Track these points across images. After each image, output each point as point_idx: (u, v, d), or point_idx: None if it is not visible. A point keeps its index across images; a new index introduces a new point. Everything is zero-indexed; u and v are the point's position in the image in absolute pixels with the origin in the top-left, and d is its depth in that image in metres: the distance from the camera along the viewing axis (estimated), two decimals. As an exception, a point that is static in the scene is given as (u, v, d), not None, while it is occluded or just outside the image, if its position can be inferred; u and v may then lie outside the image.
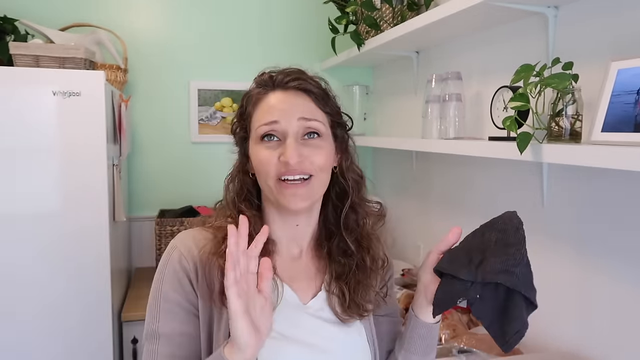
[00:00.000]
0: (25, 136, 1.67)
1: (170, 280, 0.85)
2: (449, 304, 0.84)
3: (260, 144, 0.86)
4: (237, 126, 0.94)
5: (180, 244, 0.87)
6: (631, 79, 1.02)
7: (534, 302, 0.82)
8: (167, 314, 0.84)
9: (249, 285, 0.74)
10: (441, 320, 1.55)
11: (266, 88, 0.90)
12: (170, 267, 0.86)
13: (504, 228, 0.90)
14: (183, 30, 2.52)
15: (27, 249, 1.69)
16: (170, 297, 0.85)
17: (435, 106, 1.72)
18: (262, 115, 0.87)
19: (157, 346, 0.84)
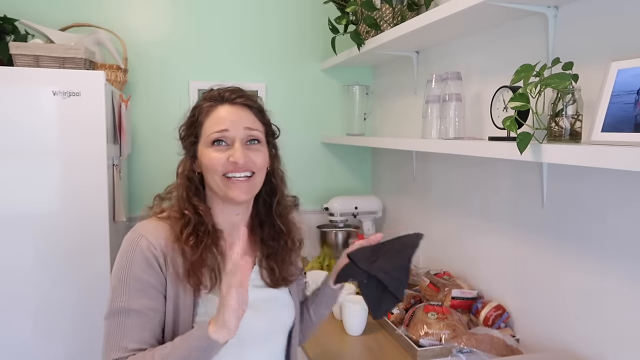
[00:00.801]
0: (25, 136, 1.67)
1: (140, 264, 0.99)
2: (345, 280, 1.20)
3: (211, 147, 1.06)
4: (186, 133, 1.13)
5: (147, 234, 1.02)
6: (631, 79, 1.02)
7: (399, 298, 1.13)
8: (138, 292, 0.98)
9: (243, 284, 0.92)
10: (441, 320, 1.56)
11: (216, 102, 1.08)
12: (139, 253, 1.00)
13: (405, 243, 1.18)
14: (183, 30, 2.52)
15: (27, 248, 1.70)
16: (141, 278, 0.99)
17: (435, 106, 1.72)
18: (213, 125, 1.06)
19: (126, 319, 0.97)
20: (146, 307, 0.99)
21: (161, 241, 1.02)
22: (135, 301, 0.98)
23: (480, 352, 1.38)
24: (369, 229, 2.57)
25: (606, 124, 1.05)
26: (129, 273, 0.99)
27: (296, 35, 2.68)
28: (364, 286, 1.15)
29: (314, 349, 1.59)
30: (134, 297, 0.98)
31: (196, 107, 1.11)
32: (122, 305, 0.98)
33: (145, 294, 0.99)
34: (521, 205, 1.58)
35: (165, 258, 1.01)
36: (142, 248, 1.01)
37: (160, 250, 1.01)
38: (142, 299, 0.99)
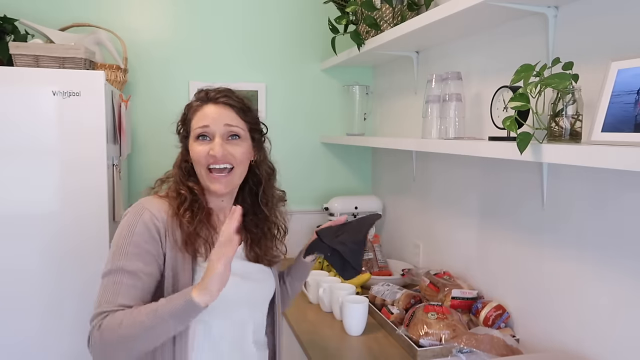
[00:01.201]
0: (25, 136, 1.67)
1: (142, 233, 1.10)
2: (312, 252, 1.38)
3: (197, 142, 1.19)
4: (180, 128, 1.27)
5: (150, 207, 1.14)
6: (631, 79, 1.02)
7: (357, 268, 1.33)
8: (135, 256, 1.08)
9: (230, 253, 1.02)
10: (441, 320, 1.56)
11: (203, 101, 1.21)
12: (141, 223, 1.11)
13: (363, 222, 1.39)
14: (183, 30, 2.53)
15: (27, 248, 1.70)
16: (140, 245, 1.09)
17: (435, 106, 1.72)
18: (198, 121, 1.19)
19: (121, 278, 1.07)
20: (140, 271, 1.08)
21: (162, 214, 1.14)
22: (131, 264, 1.08)
23: (480, 352, 1.38)
24: (369, 229, 2.57)
25: (606, 124, 1.05)
26: (130, 240, 1.10)
27: (296, 35, 2.68)
28: (329, 258, 1.36)
29: (314, 349, 1.59)
30: (130, 260, 1.08)
31: (188, 105, 1.25)
32: (119, 266, 1.08)
33: (141, 259, 1.09)
34: (521, 205, 1.58)
35: (165, 229, 1.13)
36: (145, 219, 1.12)
37: (161, 222, 1.13)
38: (138, 263, 1.08)
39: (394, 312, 1.73)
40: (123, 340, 1.01)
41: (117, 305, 1.04)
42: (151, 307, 1.03)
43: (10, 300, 1.70)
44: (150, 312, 1.01)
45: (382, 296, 1.86)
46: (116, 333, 1.01)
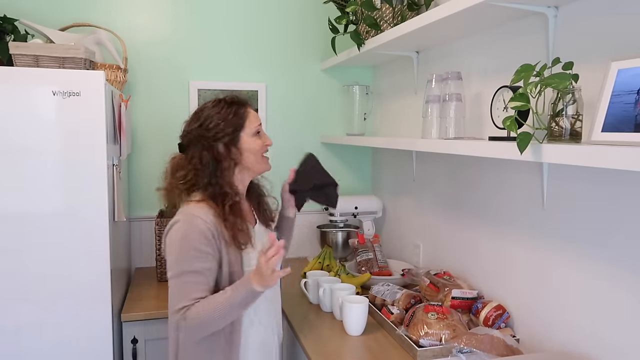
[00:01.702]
0: (25, 136, 1.67)
1: (199, 238, 1.34)
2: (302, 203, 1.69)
3: (254, 137, 1.47)
4: (229, 128, 1.43)
5: (200, 214, 1.36)
6: (631, 79, 1.02)
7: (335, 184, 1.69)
8: (196, 258, 1.33)
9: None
10: (441, 320, 1.56)
11: (244, 106, 1.49)
12: (196, 230, 1.34)
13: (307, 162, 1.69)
14: (183, 30, 2.53)
15: (26, 248, 1.69)
16: (199, 248, 1.33)
17: (435, 106, 1.72)
18: (253, 121, 1.48)
19: (189, 277, 1.33)
20: (203, 268, 1.34)
21: (210, 217, 1.37)
22: (195, 265, 1.33)
23: (480, 352, 1.38)
24: (369, 228, 2.57)
25: (606, 124, 1.05)
26: (189, 245, 1.34)
27: (296, 35, 2.68)
28: (314, 197, 1.68)
29: (314, 349, 1.59)
30: (194, 262, 1.33)
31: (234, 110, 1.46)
32: (185, 269, 1.33)
33: (201, 259, 1.34)
34: (521, 205, 1.58)
35: (216, 230, 1.36)
36: (200, 226, 1.35)
37: (212, 224, 1.36)
38: (200, 263, 1.33)
39: (394, 312, 1.73)
40: (204, 325, 1.33)
41: (193, 299, 1.32)
42: (222, 297, 1.32)
43: (9, 299, 1.69)
44: (222, 302, 1.31)
45: (382, 296, 1.86)
46: (198, 321, 1.31)
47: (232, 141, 1.43)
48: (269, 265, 1.28)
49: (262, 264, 1.29)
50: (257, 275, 1.30)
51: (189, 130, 1.46)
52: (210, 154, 1.42)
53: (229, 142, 1.43)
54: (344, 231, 2.49)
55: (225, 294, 1.33)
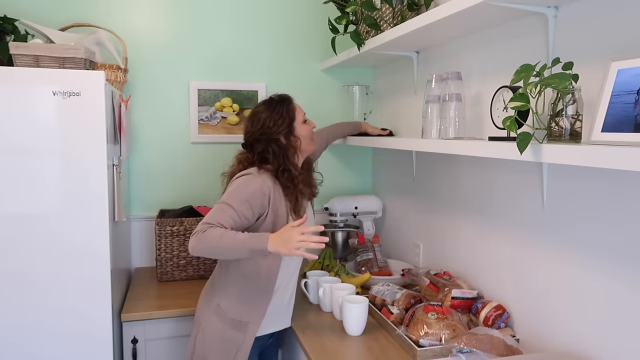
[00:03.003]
0: (25, 136, 1.67)
1: (252, 191, 1.59)
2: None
3: (305, 124, 1.77)
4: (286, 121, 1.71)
5: (259, 177, 1.62)
6: (631, 79, 1.02)
7: None
8: (240, 201, 1.57)
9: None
10: (441, 320, 1.56)
11: (291, 101, 1.78)
12: (254, 185, 1.60)
13: None
14: (183, 30, 2.53)
15: (26, 249, 1.70)
16: (248, 198, 1.58)
17: (435, 106, 1.72)
18: (300, 112, 1.78)
19: (227, 209, 1.56)
20: (240, 211, 1.56)
21: (269, 183, 1.63)
22: (235, 204, 1.57)
23: (480, 352, 1.38)
24: (369, 229, 2.57)
25: (606, 124, 1.05)
26: (243, 190, 1.59)
27: (296, 35, 2.68)
28: None
29: (314, 349, 1.59)
30: (236, 202, 1.57)
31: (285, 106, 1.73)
32: (229, 202, 1.57)
33: (243, 204, 1.57)
34: (521, 205, 1.59)
35: (270, 193, 1.62)
36: (256, 184, 1.60)
37: (268, 188, 1.61)
38: (240, 205, 1.57)
39: (394, 312, 1.73)
40: (211, 246, 1.50)
41: (219, 224, 1.54)
42: (239, 236, 1.50)
43: (9, 299, 1.69)
44: (235, 239, 1.49)
45: (382, 296, 1.86)
46: (212, 240, 1.50)
47: (289, 132, 1.71)
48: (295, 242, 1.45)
49: (291, 236, 1.45)
50: (278, 239, 1.47)
51: (252, 132, 1.71)
52: (276, 145, 1.69)
53: (287, 133, 1.70)
54: (344, 231, 2.49)
55: (243, 235, 1.50)
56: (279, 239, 1.47)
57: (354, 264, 2.33)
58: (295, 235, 1.45)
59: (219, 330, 1.65)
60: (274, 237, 1.48)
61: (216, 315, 1.67)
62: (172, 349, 2.03)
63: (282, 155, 1.69)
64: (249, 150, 1.74)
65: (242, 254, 1.51)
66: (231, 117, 2.61)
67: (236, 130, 2.61)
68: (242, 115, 2.61)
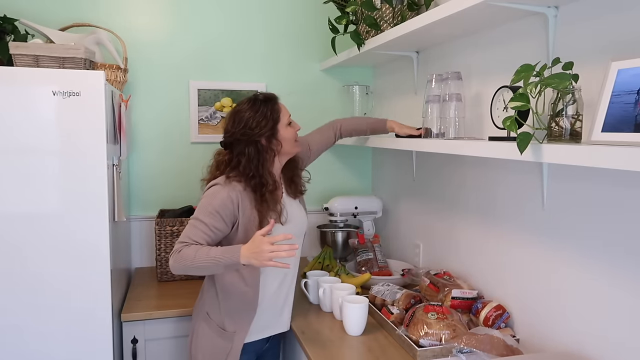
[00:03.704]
0: (25, 136, 1.67)
1: (221, 202, 1.56)
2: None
3: (289, 127, 1.70)
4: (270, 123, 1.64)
5: (227, 186, 1.59)
6: (631, 79, 1.02)
7: None
8: (210, 215, 1.55)
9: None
10: (441, 320, 1.56)
11: (276, 101, 1.71)
12: (222, 195, 1.57)
13: None
14: (183, 30, 2.53)
15: (26, 248, 1.69)
16: (218, 210, 1.56)
17: (435, 106, 1.72)
18: (285, 113, 1.70)
19: (199, 225, 1.55)
20: (212, 224, 1.55)
21: (237, 194, 1.58)
22: (206, 219, 1.55)
23: (480, 352, 1.38)
24: (369, 229, 2.57)
25: (606, 124, 1.05)
26: (212, 203, 1.56)
27: (296, 35, 2.68)
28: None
29: (314, 349, 1.59)
30: (206, 216, 1.55)
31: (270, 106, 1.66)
32: (199, 218, 1.55)
33: (214, 218, 1.55)
34: (521, 205, 1.58)
35: (239, 201, 1.58)
36: (224, 194, 1.57)
37: (236, 196, 1.58)
38: (211, 219, 1.55)
39: (394, 312, 1.73)
40: (191, 265, 1.49)
41: (193, 241, 1.53)
42: (211, 252, 1.48)
43: (9, 299, 1.69)
44: (208, 256, 1.47)
45: (382, 296, 1.86)
46: (187, 259, 1.49)
47: (272, 135, 1.64)
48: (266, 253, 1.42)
49: (261, 249, 1.43)
50: (248, 252, 1.45)
51: (233, 131, 1.63)
52: (255, 148, 1.62)
53: (270, 135, 1.64)
54: (344, 231, 2.48)
55: (215, 251, 1.49)
56: (250, 252, 1.45)
57: (354, 264, 2.33)
58: (265, 247, 1.42)
59: (209, 337, 1.66)
60: (245, 250, 1.46)
61: (205, 322, 1.68)
62: (172, 349, 2.03)
63: (258, 160, 1.62)
64: (228, 150, 1.68)
65: (218, 269, 1.50)
66: (231, 117, 2.61)
67: (236, 130, 2.61)
68: (242, 115, 2.61)
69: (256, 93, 1.70)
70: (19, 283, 1.70)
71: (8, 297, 1.69)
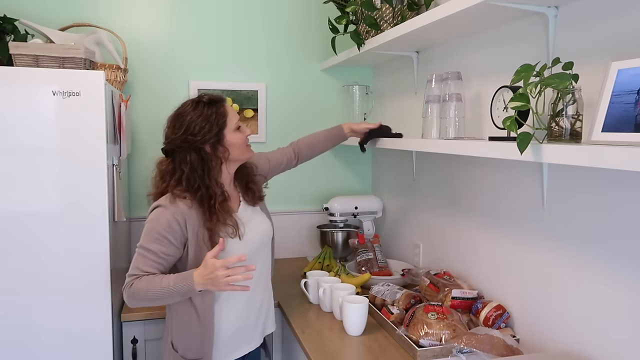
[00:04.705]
0: (25, 136, 1.67)
1: (165, 226, 1.44)
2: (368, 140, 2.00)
3: (237, 132, 1.56)
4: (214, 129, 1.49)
5: (171, 207, 1.46)
6: (631, 79, 1.02)
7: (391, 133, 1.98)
8: (156, 241, 1.44)
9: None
10: (441, 320, 1.56)
11: (223, 103, 1.55)
12: (165, 218, 1.45)
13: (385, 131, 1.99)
14: (183, 30, 2.53)
15: (26, 248, 1.69)
16: (163, 234, 1.44)
17: (435, 106, 1.72)
18: (233, 118, 1.55)
19: (146, 253, 1.44)
20: (159, 250, 1.44)
21: (183, 212, 1.46)
22: (153, 246, 1.44)
23: (480, 352, 1.38)
24: (369, 229, 2.58)
25: (606, 124, 1.05)
26: (155, 228, 1.45)
27: (296, 35, 2.68)
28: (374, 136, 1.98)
29: (314, 349, 1.59)
30: (153, 243, 1.44)
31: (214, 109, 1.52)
32: (145, 246, 1.45)
33: (161, 243, 1.44)
34: (521, 205, 1.58)
35: (185, 221, 1.46)
36: (168, 215, 1.45)
37: (182, 216, 1.45)
38: (157, 245, 1.44)
39: (394, 312, 1.73)
40: (144, 298, 1.42)
41: (143, 271, 1.44)
42: (163, 282, 1.40)
43: (9, 299, 1.69)
44: (161, 287, 1.40)
45: (382, 296, 1.86)
46: (140, 294, 1.42)
47: (217, 141, 1.50)
48: (221, 279, 1.35)
49: (216, 275, 1.35)
50: (203, 279, 1.37)
51: (173, 138, 1.49)
52: (198, 156, 1.48)
53: (215, 142, 1.50)
54: (344, 231, 2.49)
55: (168, 280, 1.41)
56: (204, 279, 1.36)
57: (354, 264, 2.33)
58: (219, 272, 1.33)
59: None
60: (198, 277, 1.37)
61: (170, 353, 1.56)
62: (172, 349, 2.03)
63: (203, 169, 1.48)
64: (171, 159, 1.52)
65: (175, 299, 1.42)
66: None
67: (236, 130, 2.61)
68: (242, 115, 2.61)
69: (201, 94, 1.56)
70: (18, 283, 1.70)
71: (8, 296, 1.69)
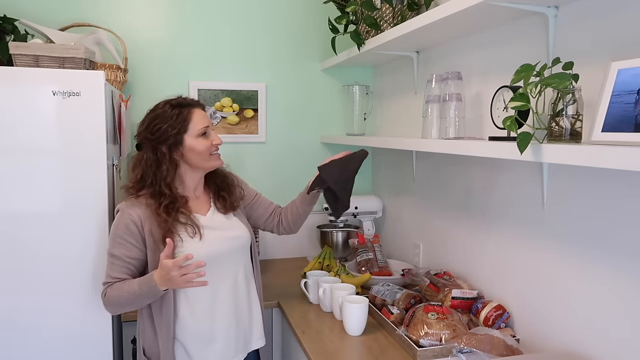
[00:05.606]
0: (25, 136, 1.67)
1: (123, 229, 1.48)
2: (313, 189, 1.74)
3: (200, 137, 1.53)
4: (171, 131, 1.49)
5: (130, 209, 1.49)
6: (631, 79, 1.02)
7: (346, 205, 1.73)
8: (119, 245, 1.48)
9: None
10: (441, 320, 1.56)
11: (190, 107, 1.54)
12: (123, 221, 1.48)
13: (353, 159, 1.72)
14: (183, 30, 2.53)
15: (26, 248, 1.69)
16: (124, 237, 1.48)
17: (435, 106, 1.72)
18: (198, 123, 1.53)
19: (113, 260, 1.48)
20: (122, 254, 1.48)
21: (140, 212, 1.48)
22: (116, 251, 1.48)
23: (480, 352, 1.38)
24: (369, 229, 2.57)
25: (606, 124, 1.05)
26: (116, 232, 1.49)
27: (296, 35, 2.68)
28: (324, 193, 1.75)
29: (314, 349, 1.59)
30: (116, 249, 1.48)
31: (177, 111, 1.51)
32: (110, 252, 1.49)
33: (123, 247, 1.48)
34: (521, 205, 1.58)
35: (142, 223, 1.48)
36: (126, 219, 1.48)
37: (138, 218, 1.48)
38: (120, 249, 1.48)
39: (394, 312, 1.73)
40: (118, 304, 1.47)
41: (113, 278, 1.48)
42: (130, 287, 1.44)
43: (9, 299, 1.69)
44: (129, 292, 1.43)
45: (382, 296, 1.86)
46: (114, 301, 1.46)
47: (174, 144, 1.51)
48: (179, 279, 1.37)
49: (172, 276, 1.36)
50: (163, 280, 1.39)
51: (139, 132, 1.54)
52: (154, 155, 1.51)
53: (172, 144, 1.51)
54: (344, 231, 2.49)
55: (133, 285, 1.44)
56: (164, 280, 1.38)
57: (354, 264, 2.33)
58: (174, 272, 1.35)
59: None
60: (159, 278, 1.39)
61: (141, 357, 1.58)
62: (172, 349, 2.02)
63: (156, 167, 1.50)
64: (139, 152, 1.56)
65: (144, 301, 1.45)
66: (231, 117, 2.61)
67: (236, 130, 2.61)
68: (242, 115, 2.61)
69: (179, 96, 1.58)
70: (18, 282, 1.70)
71: (7, 296, 1.69)
